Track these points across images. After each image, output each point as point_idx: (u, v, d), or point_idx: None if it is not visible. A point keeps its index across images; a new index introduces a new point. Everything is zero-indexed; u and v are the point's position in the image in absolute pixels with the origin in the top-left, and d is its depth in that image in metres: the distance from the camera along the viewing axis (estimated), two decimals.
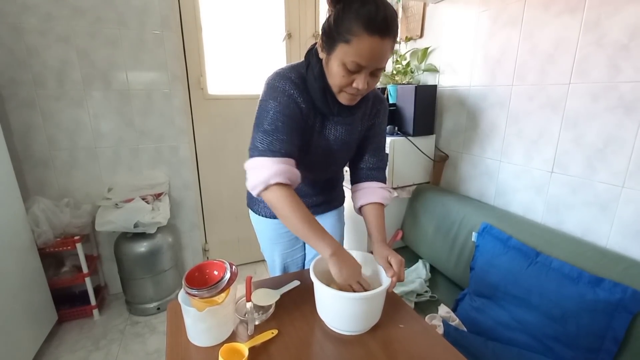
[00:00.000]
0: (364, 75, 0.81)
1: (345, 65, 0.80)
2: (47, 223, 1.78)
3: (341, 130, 0.99)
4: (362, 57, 0.78)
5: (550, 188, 1.33)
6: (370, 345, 0.81)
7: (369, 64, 0.79)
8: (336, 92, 0.88)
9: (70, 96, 1.89)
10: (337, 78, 0.83)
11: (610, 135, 1.13)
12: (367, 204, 1.05)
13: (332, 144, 1.00)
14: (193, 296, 0.77)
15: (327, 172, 1.12)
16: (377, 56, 0.78)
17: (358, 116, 1.01)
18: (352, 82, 0.83)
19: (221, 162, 2.38)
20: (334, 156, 1.04)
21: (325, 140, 0.99)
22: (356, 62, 0.78)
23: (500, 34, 1.45)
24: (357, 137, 1.05)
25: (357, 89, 0.83)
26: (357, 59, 0.78)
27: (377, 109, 1.05)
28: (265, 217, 1.16)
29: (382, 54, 0.79)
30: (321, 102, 0.91)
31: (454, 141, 1.78)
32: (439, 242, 1.63)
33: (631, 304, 0.96)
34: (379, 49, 0.77)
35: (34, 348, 1.65)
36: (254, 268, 2.55)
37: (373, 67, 0.81)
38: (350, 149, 1.07)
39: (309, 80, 0.91)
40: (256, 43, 2.26)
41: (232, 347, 0.76)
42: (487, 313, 1.28)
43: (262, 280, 1.10)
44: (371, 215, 1.03)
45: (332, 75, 0.85)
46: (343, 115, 0.96)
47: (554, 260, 1.14)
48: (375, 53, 0.77)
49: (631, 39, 1.05)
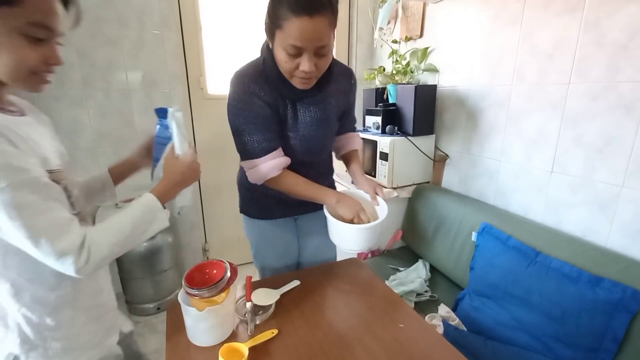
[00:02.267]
0: (307, 57, 0.83)
1: (285, 50, 0.82)
2: None
3: (315, 110, 1.01)
4: (296, 39, 0.79)
5: (550, 188, 1.33)
6: (371, 345, 0.81)
7: (305, 44, 0.80)
8: (289, 78, 0.90)
9: (70, 96, 1.89)
10: (283, 64, 0.86)
11: (610, 135, 1.13)
12: (346, 152, 1.21)
13: (309, 125, 1.02)
14: (193, 296, 0.77)
15: (314, 155, 1.11)
16: (310, 36, 0.79)
17: (330, 92, 1.02)
18: (298, 65, 0.85)
19: (221, 161, 2.38)
20: (316, 137, 1.05)
21: (303, 123, 1.01)
22: (293, 45, 0.80)
23: (500, 33, 1.45)
24: (335, 112, 1.08)
25: (303, 71, 0.85)
26: (293, 41, 0.80)
27: (350, 84, 1.10)
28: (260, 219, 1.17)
29: (315, 32, 0.79)
30: (283, 87, 0.94)
31: (453, 141, 1.78)
32: (438, 242, 1.63)
33: (631, 303, 0.96)
34: (310, 28, 0.78)
35: None
36: (254, 268, 2.54)
37: (312, 47, 0.82)
38: (331, 126, 1.09)
39: (267, 71, 0.93)
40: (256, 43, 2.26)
41: (232, 347, 0.76)
42: (487, 313, 1.28)
43: (262, 280, 1.10)
44: (351, 160, 1.20)
45: (279, 62, 0.87)
46: (311, 94, 0.98)
47: (554, 260, 1.14)
48: (307, 33, 0.78)
49: (631, 39, 1.05)
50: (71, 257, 0.59)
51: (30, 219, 0.55)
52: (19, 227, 0.55)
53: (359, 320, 0.91)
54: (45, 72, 0.61)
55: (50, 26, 0.57)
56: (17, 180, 0.54)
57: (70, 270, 0.60)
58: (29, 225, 0.55)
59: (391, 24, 2.13)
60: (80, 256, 0.60)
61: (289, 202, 1.11)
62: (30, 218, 0.55)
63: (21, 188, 0.54)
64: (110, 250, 0.65)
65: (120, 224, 0.68)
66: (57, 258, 0.58)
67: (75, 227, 0.61)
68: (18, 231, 0.55)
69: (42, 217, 0.57)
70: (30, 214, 0.55)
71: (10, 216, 0.54)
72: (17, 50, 0.55)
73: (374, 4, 2.22)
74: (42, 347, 0.67)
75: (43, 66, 0.59)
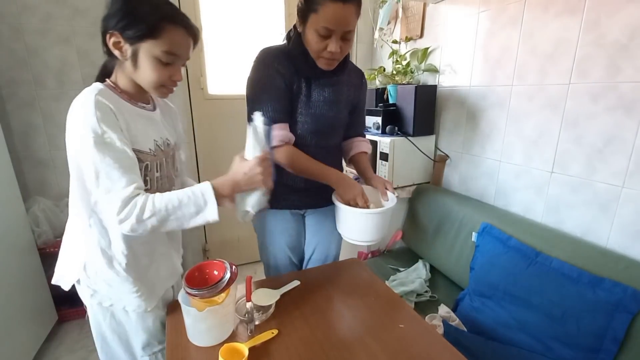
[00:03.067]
0: (335, 39, 0.95)
1: (317, 31, 0.94)
2: (47, 223, 1.78)
3: (328, 91, 1.10)
4: (329, 22, 0.91)
5: (550, 188, 1.33)
6: (371, 345, 0.81)
7: (337, 27, 0.93)
8: (315, 59, 1.01)
9: (70, 96, 1.84)
10: (313, 44, 0.97)
11: (610, 135, 1.13)
12: (355, 154, 1.25)
13: (321, 104, 1.09)
14: (193, 296, 0.77)
15: (323, 137, 1.14)
16: (342, 19, 0.92)
17: (342, 79, 1.13)
18: (326, 46, 0.96)
19: (221, 161, 2.37)
20: (326, 117, 1.11)
21: (315, 102, 1.09)
22: (325, 27, 0.92)
23: (500, 34, 1.45)
24: (346, 99, 1.15)
25: (331, 52, 0.96)
26: (326, 23, 0.92)
27: (360, 82, 1.21)
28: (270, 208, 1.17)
29: (346, 17, 0.92)
30: (303, 64, 1.03)
31: (454, 141, 1.78)
32: (439, 242, 1.63)
33: (631, 303, 0.96)
34: (342, 13, 0.91)
35: (34, 348, 1.65)
36: (254, 268, 2.55)
37: (341, 31, 0.94)
38: (341, 110, 1.15)
39: (291, 49, 1.03)
40: (256, 43, 2.26)
41: (232, 347, 0.76)
42: (487, 313, 1.28)
43: (262, 280, 1.10)
44: (360, 161, 1.25)
45: (309, 43, 0.98)
46: (327, 76, 1.07)
47: (554, 260, 1.14)
48: (339, 17, 0.91)
49: (631, 39, 1.05)
50: (118, 205, 0.70)
51: (108, 159, 0.70)
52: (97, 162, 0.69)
53: (359, 321, 0.91)
54: (170, 86, 0.82)
55: (177, 54, 0.78)
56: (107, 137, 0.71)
57: (113, 217, 0.70)
58: (106, 162, 0.70)
59: (391, 24, 2.13)
60: (125, 207, 0.70)
61: (298, 190, 1.14)
62: (108, 158, 0.70)
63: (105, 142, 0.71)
64: (153, 214, 0.72)
65: (170, 197, 0.74)
66: (107, 202, 0.71)
67: (133, 187, 0.71)
68: (91, 166, 0.70)
69: (118, 164, 0.71)
70: (109, 155, 0.70)
71: (97, 150, 0.69)
72: (153, 70, 0.77)
73: (374, 4, 2.22)
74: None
75: (169, 82, 0.81)
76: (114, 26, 0.74)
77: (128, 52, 0.76)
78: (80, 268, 0.83)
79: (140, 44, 0.74)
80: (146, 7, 0.75)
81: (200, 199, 0.76)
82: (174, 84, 0.83)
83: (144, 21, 0.73)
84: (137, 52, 0.75)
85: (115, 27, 0.74)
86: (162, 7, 0.76)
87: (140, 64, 0.76)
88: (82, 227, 0.81)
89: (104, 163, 0.70)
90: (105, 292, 0.85)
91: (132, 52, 0.75)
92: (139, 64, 0.76)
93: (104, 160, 0.70)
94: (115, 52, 0.76)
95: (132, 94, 0.83)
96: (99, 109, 0.71)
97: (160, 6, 0.76)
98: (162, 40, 0.74)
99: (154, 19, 0.74)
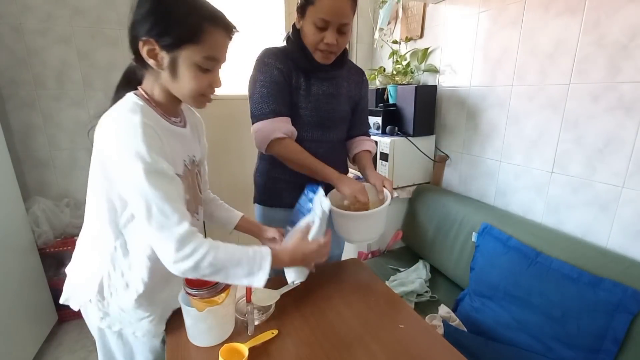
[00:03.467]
0: (332, 31, 0.99)
1: (314, 24, 0.98)
2: (47, 223, 1.78)
3: (327, 85, 1.13)
4: (326, 13, 0.96)
5: (550, 188, 1.33)
6: (371, 346, 0.81)
7: (333, 19, 0.97)
8: (312, 52, 1.05)
9: (71, 96, 1.89)
10: (310, 36, 1.01)
11: (610, 135, 1.13)
12: (358, 152, 1.27)
13: (322, 97, 1.12)
14: (193, 296, 0.77)
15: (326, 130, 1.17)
16: (338, 10, 0.96)
17: (341, 74, 1.16)
18: (323, 38, 1.00)
19: (221, 161, 2.38)
20: (327, 110, 1.14)
21: (315, 95, 1.11)
22: (322, 19, 0.97)
23: (500, 34, 1.45)
24: (346, 93, 1.18)
25: (327, 44, 1.00)
26: (322, 15, 0.96)
27: (361, 79, 1.25)
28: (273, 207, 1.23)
29: (342, 8, 0.97)
30: (302, 59, 1.07)
31: (454, 141, 1.78)
32: (439, 243, 1.63)
33: (631, 304, 0.96)
34: (337, 4, 0.96)
35: (34, 348, 1.65)
36: None
37: (337, 23, 0.98)
38: (341, 103, 1.17)
39: (289, 47, 1.08)
40: (256, 44, 2.26)
41: (232, 347, 0.76)
42: (487, 313, 1.28)
43: None
44: (362, 158, 1.25)
45: (307, 36, 1.03)
46: (325, 70, 1.10)
47: (554, 261, 1.14)
48: (335, 8, 0.96)
49: (631, 39, 1.05)
50: (174, 245, 0.64)
51: (160, 192, 0.63)
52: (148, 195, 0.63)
53: (359, 321, 0.91)
54: (210, 94, 0.76)
55: (218, 58, 0.71)
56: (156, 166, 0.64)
57: (168, 257, 0.65)
58: (158, 196, 0.63)
59: (391, 24, 2.13)
60: (183, 249, 0.65)
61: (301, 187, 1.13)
62: (160, 191, 0.64)
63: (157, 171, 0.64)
64: (211, 265, 0.67)
65: (232, 254, 0.71)
66: (161, 239, 0.64)
67: (186, 224, 0.66)
68: (139, 198, 0.63)
69: (169, 197, 0.65)
70: (161, 188, 0.64)
71: (148, 183, 0.62)
72: (193, 79, 0.69)
73: (374, 5, 2.22)
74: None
75: (209, 89, 0.74)
76: (147, 32, 0.65)
77: (165, 60, 0.68)
78: (94, 289, 0.77)
79: (180, 51, 0.67)
80: (183, 7, 0.66)
81: (256, 264, 0.73)
82: (213, 91, 0.76)
83: (182, 25, 0.65)
84: (176, 60, 0.67)
85: (149, 34, 0.65)
86: (201, 6, 0.68)
87: (180, 73, 0.69)
88: (104, 247, 0.75)
89: (156, 196, 0.63)
90: (116, 315, 0.79)
91: (170, 60, 0.67)
92: (178, 73, 0.69)
93: (156, 194, 0.63)
94: (150, 61, 0.68)
95: (166, 106, 0.76)
96: (146, 134, 0.64)
97: (198, 5, 0.68)
98: (203, 44, 0.67)
99: (194, 20, 0.65)
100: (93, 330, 0.84)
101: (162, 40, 0.65)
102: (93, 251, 0.78)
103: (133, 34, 0.68)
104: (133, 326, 0.81)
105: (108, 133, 0.65)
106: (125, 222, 0.73)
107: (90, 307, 0.80)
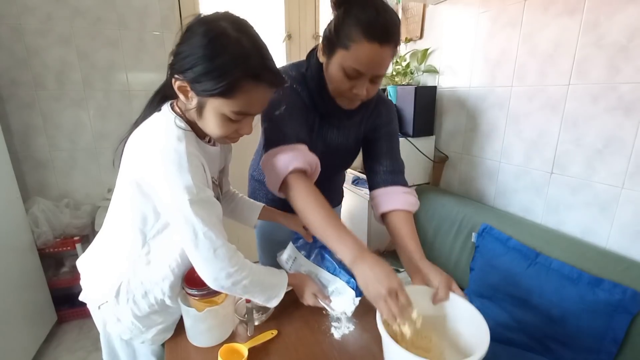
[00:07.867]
0: (363, 82, 0.79)
1: (344, 70, 0.78)
2: (47, 224, 1.78)
3: (336, 133, 0.98)
4: (361, 64, 0.75)
5: (549, 189, 1.33)
6: (370, 346, 0.81)
7: (368, 71, 0.77)
8: (335, 96, 0.87)
9: (70, 97, 1.89)
10: (336, 83, 0.82)
11: (609, 136, 1.13)
12: (391, 210, 0.94)
13: (328, 144, 0.99)
14: (192, 297, 0.77)
15: (326, 172, 1.10)
16: (375, 63, 0.76)
17: (356, 120, 0.99)
18: (352, 88, 0.81)
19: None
20: (331, 157, 1.00)
21: (322, 140, 0.98)
22: (355, 69, 0.76)
23: (500, 35, 1.45)
24: (355, 139, 1.03)
25: (356, 94, 0.81)
26: (356, 65, 0.76)
27: (378, 110, 1.01)
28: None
29: (381, 61, 0.77)
30: (318, 99, 0.90)
31: (453, 142, 1.78)
32: (438, 243, 1.63)
33: (631, 304, 0.96)
34: (378, 56, 0.75)
35: (34, 348, 1.65)
36: None
37: (372, 74, 0.79)
38: (348, 152, 1.06)
39: (307, 79, 0.90)
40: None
41: (232, 347, 0.76)
42: (486, 314, 1.27)
43: None
44: (401, 224, 0.91)
45: (332, 79, 0.83)
46: (338, 117, 0.94)
47: (554, 261, 1.14)
48: (374, 60, 0.75)
49: (630, 40, 1.05)
50: (225, 262, 0.68)
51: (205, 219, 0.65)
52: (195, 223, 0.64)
53: (359, 321, 0.91)
54: (236, 137, 0.74)
55: (249, 114, 0.69)
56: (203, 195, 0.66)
57: (218, 273, 0.68)
58: (204, 223, 0.65)
59: None
60: (229, 268, 0.68)
61: None
62: (206, 218, 0.65)
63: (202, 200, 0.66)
64: (244, 285, 0.72)
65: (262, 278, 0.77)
66: (211, 257, 0.67)
67: (229, 245, 0.70)
68: (185, 226, 0.65)
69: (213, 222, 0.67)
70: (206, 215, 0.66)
71: (194, 213, 0.64)
72: (218, 126, 0.68)
73: None
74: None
75: (235, 135, 0.72)
76: (182, 72, 0.63)
77: (193, 101, 0.66)
78: (112, 292, 0.76)
79: (208, 99, 0.64)
80: (228, 56, 0.60)
81: (274, 292, 0.80)
82: (240, 136, 0.74)
83: (219, 77, 0.61)
84: (204, 105, 0.65)
85: (184, 75, 0.63)
86: (248, 58, 0.62)
87: (205, 116, 0.67)
88: (129, 253, 0.75)
89: (202, 223, 0.65)
90: (128, 324, 0.78)
91: (198, 103, 0.66)
92: (204, 115, 0.67)
93: (202, 221, 0.65)
94: (179, 95, 0.67)
95: (198, 128, 0.73)
96: (192, 164, 0.64)
97: (247, 55, 0.62)
98: (235, 100, 0.63)
99: (234, 76, 0.61)
100: (101, 329, 0.84)
101: (194, 86, 0.63)
102: (116, 255, 0.78)
103: (170, 67, 0.66)
104: (143, 336, 0.81)
105: (154, 164, 0.65)
106: (155, 233, 0.75)
107: (104, 309, 0.79)
